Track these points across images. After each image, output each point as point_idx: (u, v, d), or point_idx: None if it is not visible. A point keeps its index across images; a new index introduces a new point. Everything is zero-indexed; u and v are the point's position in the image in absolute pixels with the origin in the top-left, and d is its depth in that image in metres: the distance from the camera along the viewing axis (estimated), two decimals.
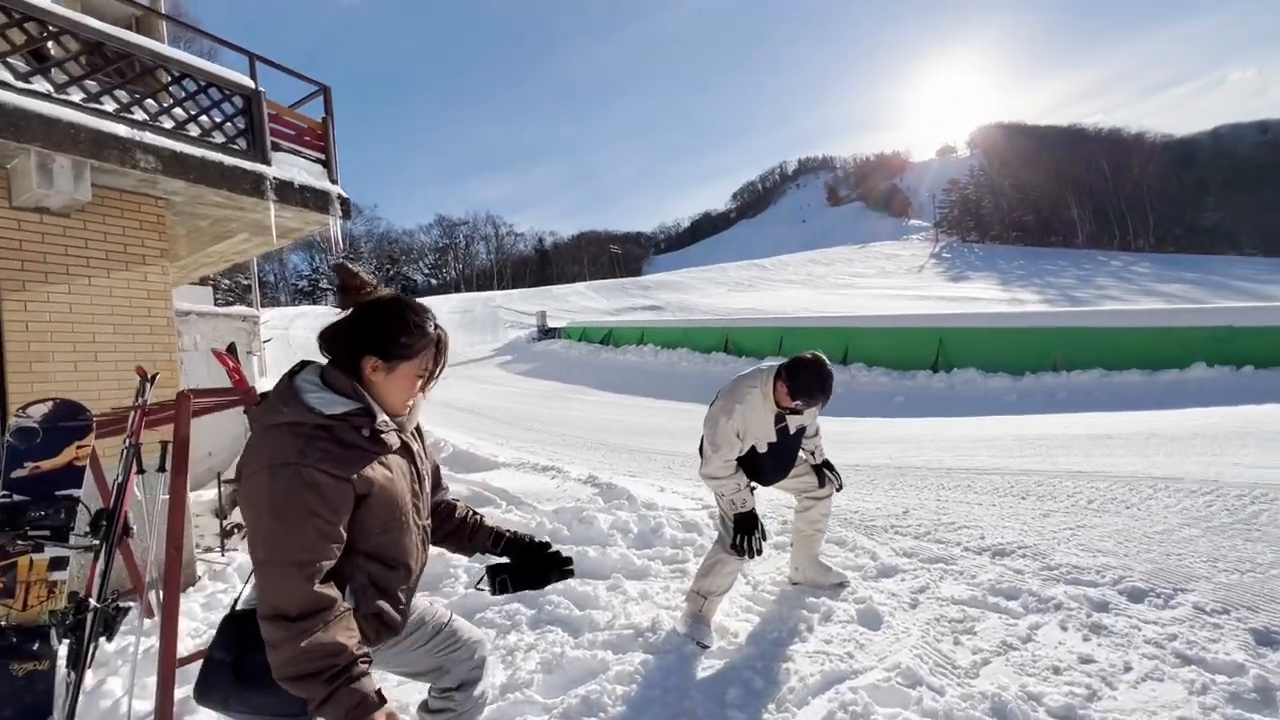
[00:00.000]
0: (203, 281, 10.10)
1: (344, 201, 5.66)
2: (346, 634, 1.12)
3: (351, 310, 1.28)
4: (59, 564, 2.05)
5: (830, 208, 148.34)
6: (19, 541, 2.02)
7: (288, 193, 5.06)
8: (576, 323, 27.78)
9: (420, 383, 1.29)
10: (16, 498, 2.07)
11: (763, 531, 2.42)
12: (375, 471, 1.22)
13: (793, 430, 2.59)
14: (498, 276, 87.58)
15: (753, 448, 2.50)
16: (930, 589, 2.63)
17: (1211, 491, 3.35)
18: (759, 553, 2.39)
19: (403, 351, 1.24)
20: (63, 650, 1.97)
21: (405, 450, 1.33)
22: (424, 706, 1.57)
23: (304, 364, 1.28)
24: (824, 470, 2.81)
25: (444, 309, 42.13)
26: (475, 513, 1.61)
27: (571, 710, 1.95)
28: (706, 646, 2.31)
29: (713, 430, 2.46)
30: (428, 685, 1.56)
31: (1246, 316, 9.93)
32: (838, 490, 2.82)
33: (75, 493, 2.18)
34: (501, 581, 1.53)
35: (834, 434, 8.35)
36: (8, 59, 3.64)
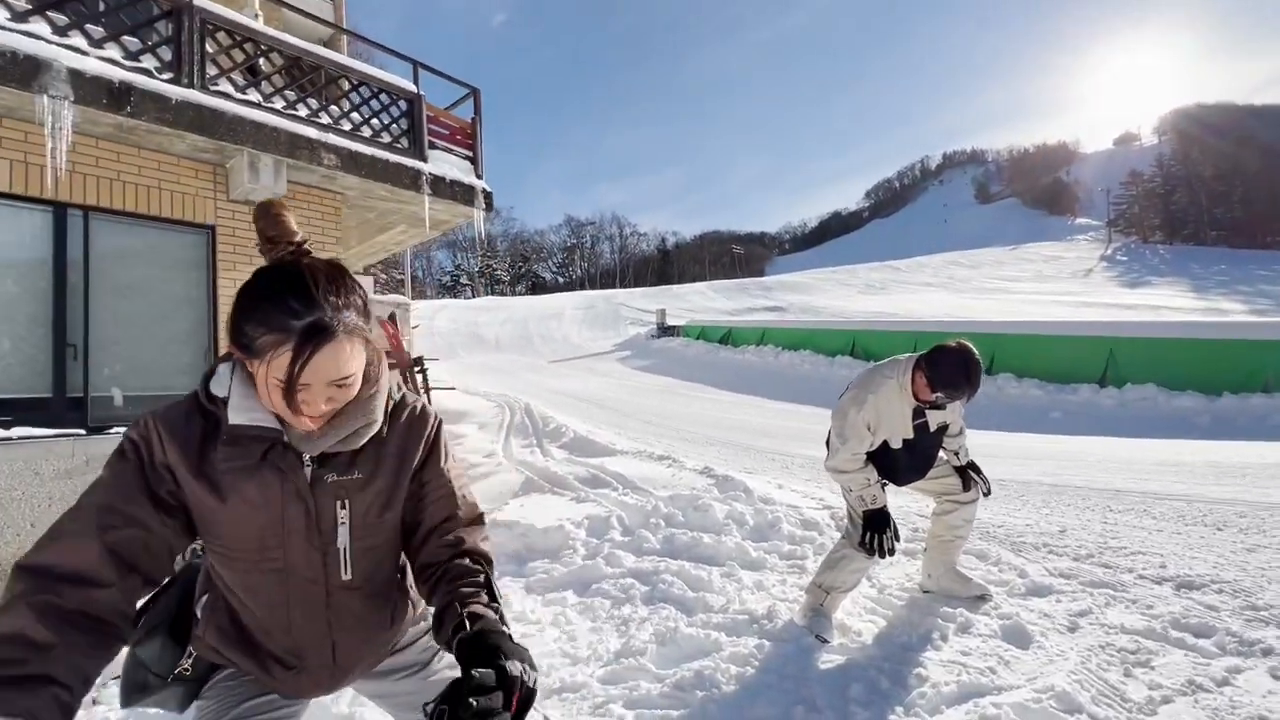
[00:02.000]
0: (365, 271, 11.42)
1: (487, 195, 6.10)
2: (49, 629, 0.73)
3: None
4: None
5: (979, 205, 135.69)
6: None
7: (440, 186, 5.55)
8: (695, 321, 27.79)
9: (280, 395, 0.85)
10: None
11: (895, 531, 2.25)
12: (201, 480, 0.89)
13: (933, 427, 2.37)
14: (620, 275, 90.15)
15: (885, 443, 2.33)
16: (1093, 614, 2.30)
17: None
18: (890, 553, 2.22)
19: (247, 343, 0.85)
20: None
21: (284, 476, 0.93)
22: None
23: None
24: (969, 472, 2.56)
25: (569, 305, 44.07)
26: (467, 582, 0.98)
27: (685, 682, 1.94)
28: (827, 641, 2.20)
29: (841, 422, 2.32)
30: None
31: None
32: (985, 495, 2.55)
33: None
34: (440, 713, 0.81)
35: (978, 446, 7.59)
36: (230, 74, 4.32)
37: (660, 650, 2.16)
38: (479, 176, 6.15)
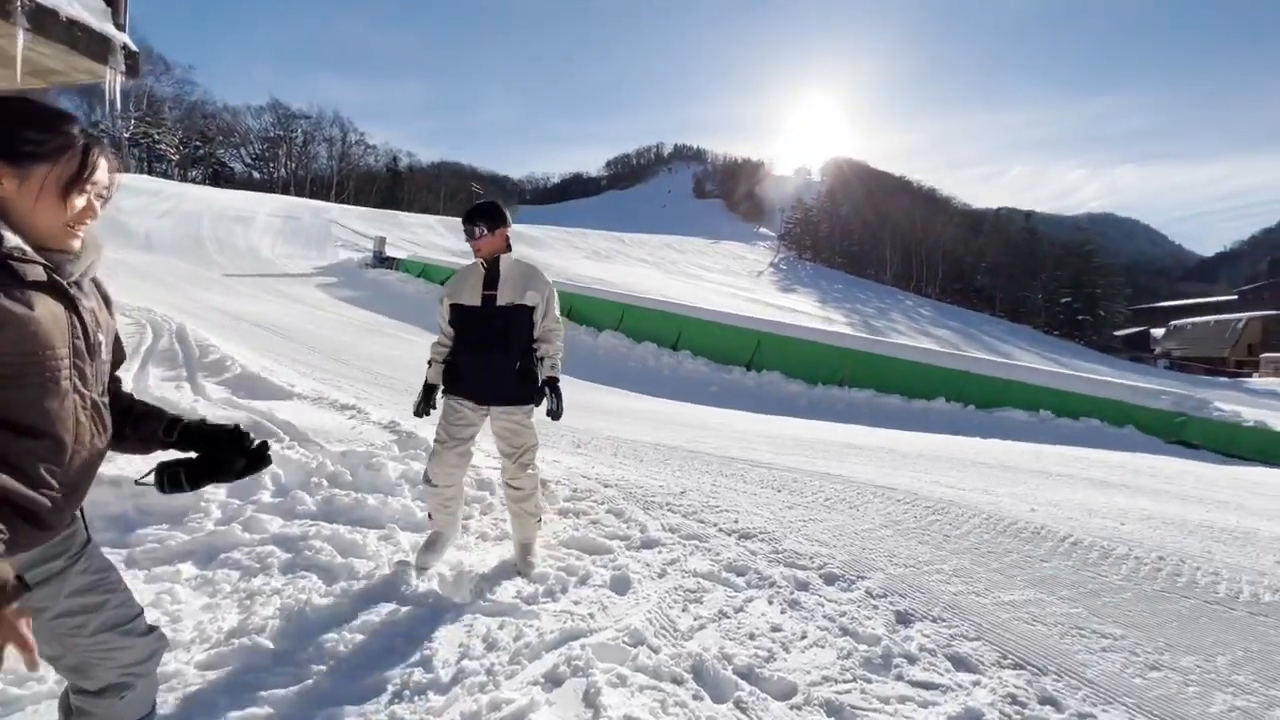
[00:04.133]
0: None
1: (130, 54, 4.67)
2: None
3: None
4: None
5: (695, 199, 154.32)
6: None
7: (48, 22, 4.04)
8: (419, 257, 25.96)
9: (73, 198, 1.04)
10: None
11: (427, 406, 2.74)
12: (6, 295, 0.98)
13: (501, 301, 2.56)
14: (337, 188, 77.99)
15: (461, 307, 2.66)
16: (679, 562, 2.98)
17: (910, 501, 4.19)
18: (424, 415, 2.76)
19: (33, 149, 1.00)
20: None
21: (63, 297, 1.08)
22: (62, 703, 1.30)
23: None
24: (546, 389, 2.62)
25: (264, 210, 36.83)
26: (145, 403, 1.33)
27: (304, 658, 1.91)
28: (424, 569, 2.55)
29: None
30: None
31: (977, 365, 12.38)
32: (554, 418, 2.62)
33: None
34: (173, 476, 1.27)
35: (647, 411, 8.86)
36: None
37: (284, 626, 2.08)
38: (120, 26, 4.65)
